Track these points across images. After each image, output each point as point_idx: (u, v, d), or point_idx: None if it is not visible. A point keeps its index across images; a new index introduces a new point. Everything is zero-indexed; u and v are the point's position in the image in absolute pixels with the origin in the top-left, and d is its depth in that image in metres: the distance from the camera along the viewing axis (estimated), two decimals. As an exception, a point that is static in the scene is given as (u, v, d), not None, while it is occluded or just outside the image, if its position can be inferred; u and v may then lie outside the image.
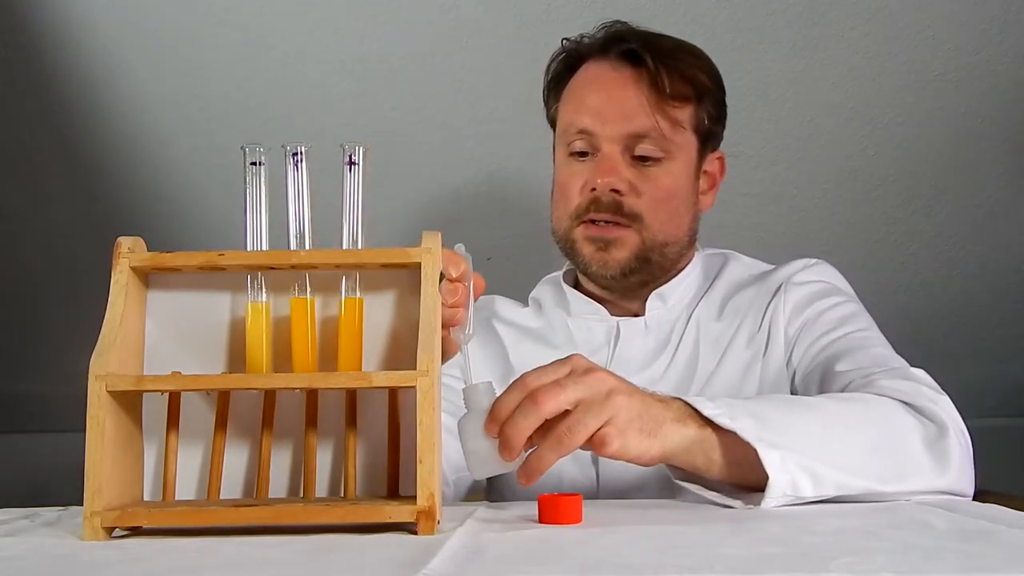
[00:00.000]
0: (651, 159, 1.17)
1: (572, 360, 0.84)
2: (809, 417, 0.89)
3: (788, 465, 0.83)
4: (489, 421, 0.80)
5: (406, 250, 0.80)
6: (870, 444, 0.88)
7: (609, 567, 0.61)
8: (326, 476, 0.83)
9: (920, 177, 1.90)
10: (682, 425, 0.85)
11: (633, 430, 0.82)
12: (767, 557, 0.63)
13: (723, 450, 0.85)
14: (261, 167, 0.83)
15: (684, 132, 1.19)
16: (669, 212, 1.19)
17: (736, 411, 0.85)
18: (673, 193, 1.19)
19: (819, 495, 0.84)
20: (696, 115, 1.20)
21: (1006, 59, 1.79)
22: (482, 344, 1.28)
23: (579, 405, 0.80)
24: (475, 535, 0.73)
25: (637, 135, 1.17)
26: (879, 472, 0.86)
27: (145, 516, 0.75)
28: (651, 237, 1.18)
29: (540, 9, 1.73)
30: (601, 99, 1.18)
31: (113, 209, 1.88)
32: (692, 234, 1.25)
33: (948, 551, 0.65)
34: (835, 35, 1.77)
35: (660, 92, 1.16)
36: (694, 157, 1.21)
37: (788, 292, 1.21)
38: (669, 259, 1.22)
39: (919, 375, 1.00)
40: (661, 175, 1.18)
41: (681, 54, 1.20)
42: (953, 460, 0.89)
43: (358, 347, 0.82)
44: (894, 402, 0.94)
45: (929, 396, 0.95)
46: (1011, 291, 2.01)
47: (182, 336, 0.84)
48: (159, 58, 1.75)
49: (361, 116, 1.82)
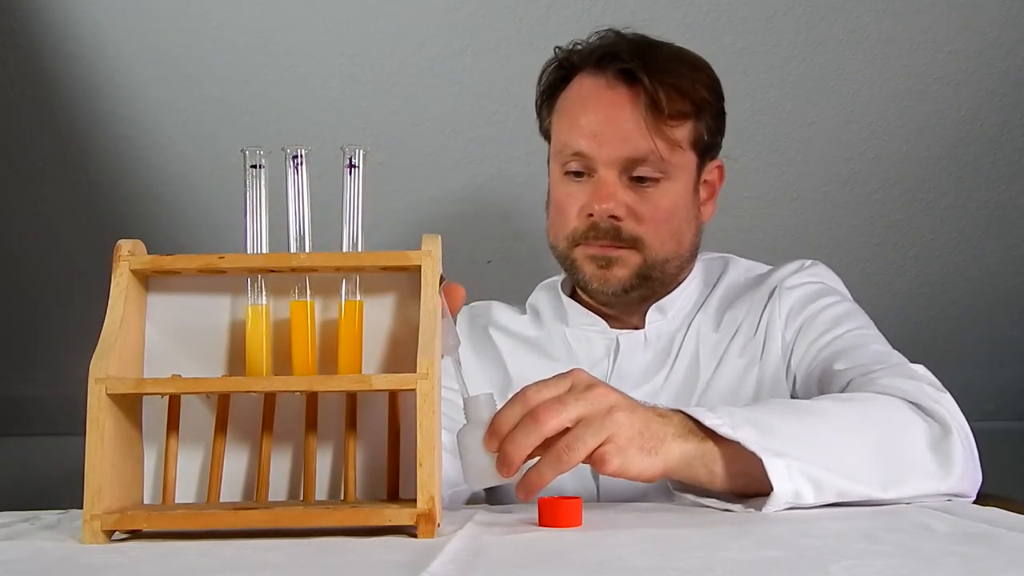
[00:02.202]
0: (649, 180, 1.15)
1: (574, 375, 0.83)
2: (809, 421, 0.88)
3: (793, 474, 0.82)
4: (489, 435, 0.80)
5: (406, 253, 0.80)
6: (872, 447, 0.87)
7: (609, 570, 0.61)
8: (326, 479, 0.83)
9: (920, 180, 1.90)
10: (683, 440, 0.84)
11: (634, 448, 0.81)
12: (767, 560, 0.63)
13: (725, 462, 0.84)
14: (261, 170, 0.83)
15: (683, 152, 1.16)
16: (670, 231, 1.17)
17: (737, 419, 0.84)
18: (673, 213, 1.17)
19: (821, 502, 0.84)
20: (695, 131, 1.17)
21: (1006, 62, 1.79)
22: (478, 353, 1.26)
23: (580, 422, 0.80)
24: (475, 538, 0.73)
25: (635, 159, 1.14)
26: (881, 478, 0.86)
27: (145, 519, 0.75)
28: (652, 256, 1.17)
29: (539, 12, 1.73)
30: (597, 120, 1.15)
31: (113, 212, 1.88)
32: (694, 248, 1.23)
33: (948, 554, 0.65)
34: (835, 38, 1.77)
35: (658, 112, 1.13)
36: (693, 173, 1.19)
37: (782, 296, 1.20)
38: (669, 274, 1.20)
39: (920, 372, 0.99)
40: (660, 196, 1.16)
41: (679, 67, 1.17)
42: (956, 462, 0.89)
43: (358, 350, 0.82)
44: (896, 400, 0.93)
45: (931, 395, 0.94)
46: (1011, 294, 2.01)
47: (182, 339, 0.84)
48: (159, 60, 1.75)
49: (361, 119, 1.82)
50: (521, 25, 1.73)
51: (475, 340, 1.28)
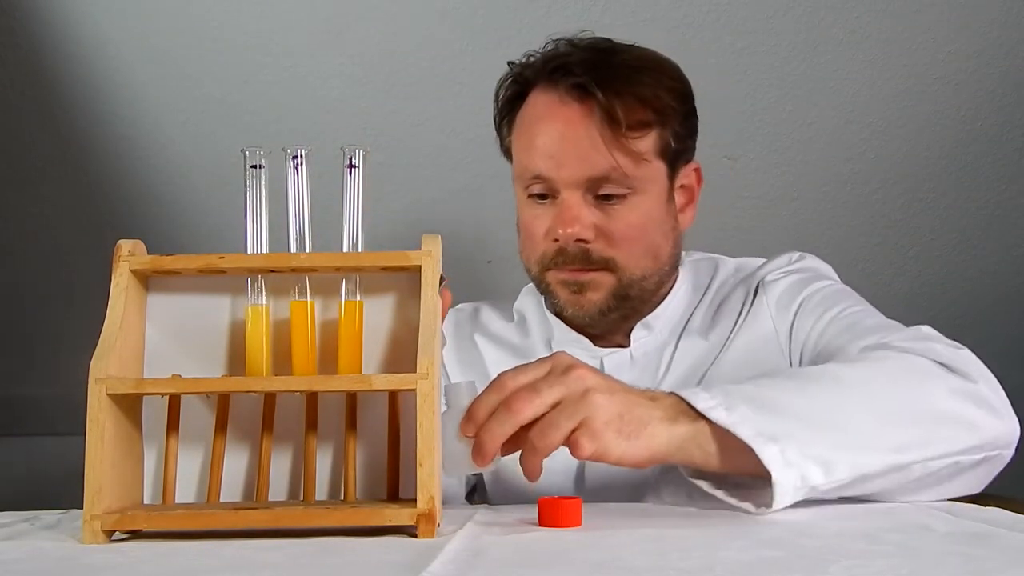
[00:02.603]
0: (616, 197, 1.09)
1: (554, 358, 0.82)
2: (812, 391, 0.85)
3: (791, 457, 0.79)
4: (465, 421, 0.80)
5: (406, 253, 0.80)
6: (886, 408, 0.84)
7: (609, 570, 0.61)
8: (326, 479, 0.83)
9: (920, 180, 1.90)
10: (671, 423, 0.81)
11: (611, 431, 0.78)
12: (767, 560, 0.63)
13: (720, 443, 0.81)
14: (261, 170, 0.83)
15: (649, 163, 1.10)
16: (644, 247, 1.12)
17: (733, 399, 0.81)
18: (645, 228, 1.11)
19: (833, 481, 0.81)
20: (660, 139, 1.11)
21: (1005, 62, 1.79)
22: (462, 361, 1.24)
23: (556, 407, 0.79)
24: (475, 538, 0.73)
25: (596, 178, 1.08)
26: (897, 441, 0.82)
27: (145, 519, 0.75)
28: (627, 276, 1.12)
29: (540, 12, 1.73)
30: (552, 140, 1.09)
31: (113, 212, 1.88)
32: (674, 259, 1.18)
33: (948, 554, 0.65)
34: (835, 38, 1.77)
35: (615, 126, 1.06)
36: (664, 183, 1.13)
37: (767, 290, 1.16)
38: (648, 290, 1.16)
39: (929, 331, 0.95)
40: (629, 213, 1.10)
41: (637, 75, 1.10)
42: (988, 407, 0.85)
43: (358, 350, 0.82)
44: (911, 356, 0.88)
45: (948, 351, 0.90)
46: (1011, 295, 2.01)
47: (182, 339, 0.84)
48: (159, 60, 1.75)
49: (361, 119, 1.82)
50: (521, 25, 1.73)
51: (460, 347, 1.25)
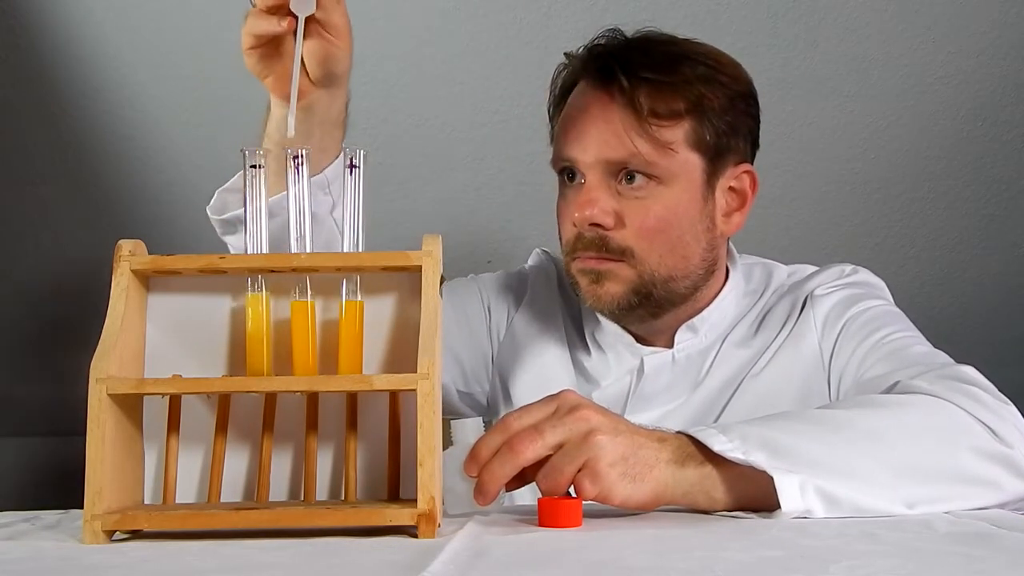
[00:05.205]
0: (638, 185, 1.07)
1: (560, 397, 0.82)
2: (830, 440, 0.82)
3: (807, 495, 0.78)
4: (468, 461, 0.80)
5: (406, 253, 0.80)
6: (903, 464, 0.82)
7: (609, 570, 0.61)
8: (327, 479, 0.83)
9: (920, 180, 1.90)
10: (679, 467, 0.80)
11: (615, 474, 0.78)
12: (767, 561, 0.63)
13: (727, 486, 0.81)
14: (261, 170, 0.83)
15: (676, 154, 1.07)
16: (667, 243, 1.08)
17: (750, 443, 0.80)
18: (669, 221, 1.08)
19: (833, 515, 0.79)
20: (694, 131, 1.07)
21: (1006, 61, 1.79)
22: (535, 311, 1.24)
23: (559, 449, 0.78)
24: (476, 538, 0.73)
25: (614, 161, 1.06)
26: (908, 494, 0.80)
27: (145, 519, 0.75)
28: (648, 271, 1.08)
29: (540, 12, 1.72)
30: (581, 125, 1.09)
31: (113, 212, 1.88)
32: (709, 263, 1.13)
33: (949, 555, 0.65)
34: (835, 37, 1.77)
35: (637, 113, 1.05)
36: (698, 178, 1.09)
37: (815, 305, 1.14)
38: (679, 293, 1.11)
39: (972, 375, 0.92)
40: (651, 203, 1.07)
41: (674, 63, 1.08)
42: (1016, 470, 0.83)
43: (358, 350, 0.82)
44: (943, 404, 0.86)
45: (991, 400, 0.87)
46: (1011, 295, 2.01)
47: (183, 339, 0.84)
48: (159, 60, 1.75)
49: (361, 119, 1.81)
50: (521, 25, 1.73)
51: (547, 298, 1.26)
